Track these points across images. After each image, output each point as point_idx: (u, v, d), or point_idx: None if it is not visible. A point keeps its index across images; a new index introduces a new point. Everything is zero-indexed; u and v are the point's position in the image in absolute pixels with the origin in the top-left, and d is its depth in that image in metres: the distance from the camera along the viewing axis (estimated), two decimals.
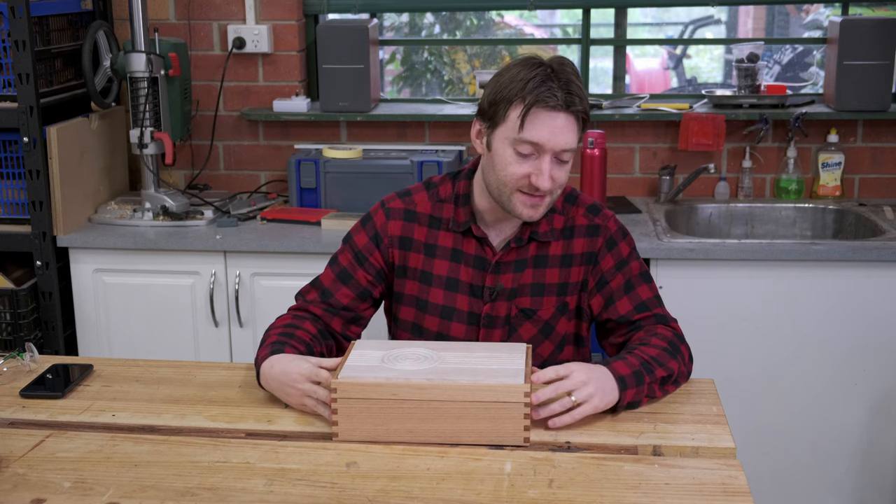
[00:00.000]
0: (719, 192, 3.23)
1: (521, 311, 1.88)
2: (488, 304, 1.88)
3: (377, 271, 1.91)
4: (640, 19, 7.29)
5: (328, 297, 1.90)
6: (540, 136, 1.70)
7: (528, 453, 1.53)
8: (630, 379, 1.64)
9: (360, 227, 1.94)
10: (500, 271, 1.87)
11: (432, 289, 1.90)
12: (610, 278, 1.86)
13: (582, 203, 1.90)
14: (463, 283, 1.89)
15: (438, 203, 1.91)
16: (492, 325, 1.89)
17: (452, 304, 1.89)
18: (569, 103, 1.69)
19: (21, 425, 1.66)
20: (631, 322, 1.84)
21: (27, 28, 2.73)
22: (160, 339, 2.92)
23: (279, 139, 3.38)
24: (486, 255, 1.88)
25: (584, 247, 1.87)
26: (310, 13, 3.37)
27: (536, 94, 1.68)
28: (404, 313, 1.94)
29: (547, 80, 1.69)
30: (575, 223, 1.88)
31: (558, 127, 1.70)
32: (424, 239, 1.90)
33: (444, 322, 1.90)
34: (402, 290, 1.93)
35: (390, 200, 1.94)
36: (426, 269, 1.90)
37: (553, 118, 1.69)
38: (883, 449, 2.80)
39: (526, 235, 1.86)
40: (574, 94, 1.69)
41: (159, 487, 1.44)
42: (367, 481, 1.45)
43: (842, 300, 2.70)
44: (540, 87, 1.68)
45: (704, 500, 1.39)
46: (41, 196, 2.83)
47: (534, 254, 1.88)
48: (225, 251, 2.85)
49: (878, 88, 3.08)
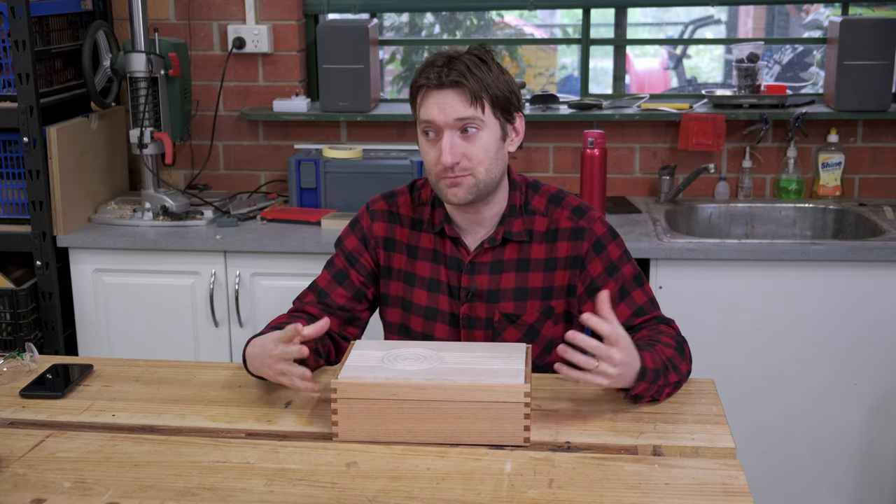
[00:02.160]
0: (719, 192, 3.23)
1: (505, 315, 1.87)
2: (466, 304, 1.88)
3: (368, 272, 1.93)
4: (640, 19, 7.29)
5: (324, 298, 1.91)
6: (430, 113, 1.75)
7: (528, 453, 1.52)
8: (651, 374, 1.64)
9: (350, 230, 1.96)
10: (476, 272, 1.87)
11: (416, 289, 1.91)
12: (601, 284, 1.83)
13: (567, 205, 1.88)
14: (443, 284, 1.89)
15: (420, 206, 1.92)
16: (472, 326, 1.89)
17: (435, 304, 1.90)
18: (450, 78, 1.73)
19: (21, 425, 1.66)
20: (630, 328, 1.82)
21: (27, 28, 2.73)
22: (160, 339, 2.92)
23: (279, 139, 3.38)
24: (461, 255, 1.88)
25: (569, 250, 1.86)
26: (310, 13, 3.37)
27: (420, 78, 1.77)
28: (391, 315, 1.95)
29: (432, 64, 1.76)
30: (559, 226, 1.86)
31: (445, 102, 1.74)
32: (407, 240, 1.92)
33: (428, 323, 1.90)
34: (388, 290, 1.94)
35: (374, 202, 1.96)
36: (409, 270, 1.91)
37: (438, 95, 1.75)
38: (883, 449, 2.80)
39: (500, 236, 1.86)
40: (455, 70, 1.73)
41: (159, 487, 1.44)
42: (367, 481, 1.45)
43: (842, 300, 2.70)
44: (423, 71, 1.77)
45: (704, 500, 1.39)
46: (41, 196, 2.83)
47: (514, 257, 1.87)
48: (225, 251, 2.85)
49: (878, 88, 3.08)
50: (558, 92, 3.51)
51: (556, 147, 3.30)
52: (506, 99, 1.78)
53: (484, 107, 1.75)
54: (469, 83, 1.73)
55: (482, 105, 1.74)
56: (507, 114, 1.79)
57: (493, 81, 1.75)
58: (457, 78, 1.72)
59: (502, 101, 1.77)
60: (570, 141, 3.28)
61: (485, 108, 1.75)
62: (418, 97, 1.78)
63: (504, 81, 1.77)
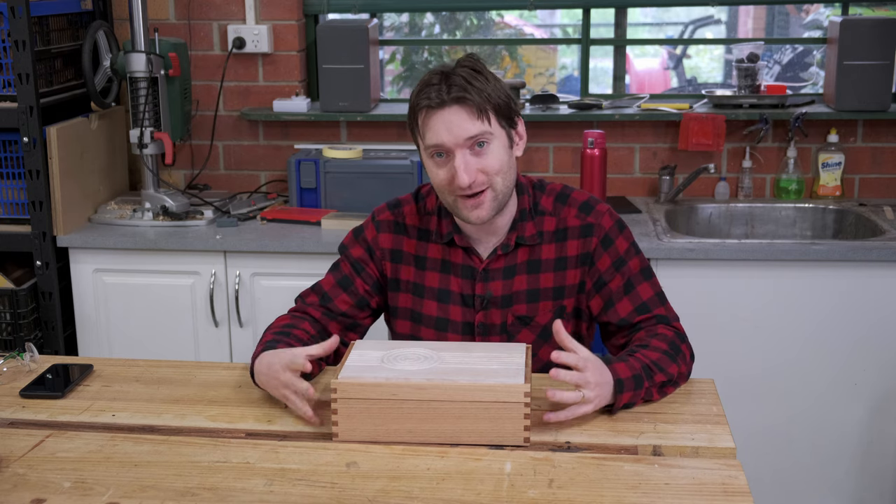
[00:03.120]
0: (719, 192, 3.23)
1: (518, 318, 1.86)
2: (481, 312, 1.87)
3: (374, 282, 1.92)
4: (640, 19, 7.28)
5: (327, 302, 1.90)
6: (439, 136, 1.71)
7: (528, 453, 1.52)
8: (629, 382, 1.63)
9: (354, 239, 1.94)
10: (489, 279, 1.86)
11: (425, 301, 1.89)
12: (608, 279, 1.83)
13: (574, 202, 1.87)
14: (454, 294, 1.88)
15: (426, 215, 1.91)
16: (487, 332, 1.88)
17: (446, 315, 1.89)
18: (452, 95, 1.69)
19: (21, 425, 1.66)
20: (632, 324, 1.83)
21: (27, 28, 2.73)
22: (160, 339, 2.92)
23: (279, 139, 3.38)
24: (474, 263, 1.87)
25: (579, 248, 1.85)
26: (310, 13, 3.37)
27: (420, 100, 1.72)
28: (400, 327, 1.94)
29: (429, 84, 1.72)
30: (567, 224, 1.85)
31: (451, 121, 1.70)
32: (414, 251, 1.90)
33: (439, 333, 1.89)
34: (396, 303, 1.93)
35: (380, 213, 1.94)
36: (418, 282, 1.90)
37: (441, 115, 1.70)
38: (883, 449, 2.80)
39: (513, 242, 1.85)
40: (455, 85, 1.70)
41: (159, 487, 1.44)
42: (367, 481, 1.45)
43: (842, 300, 2.70)
44: (421, 92, 1.72)
45: (704, 500, 1.39)
46: (41, 196, 2.83)
47: (525, 259, 1.86)
48: (225, 251, 2.85)
49: (878, 88, 3.08)
50: (558, 92, 3.52)
51: (556, 147, 3.30)
52: (507, 106, 1.75)
53: (490, 118, 1.72)
54: (472, 96, 1.69)
55: (488, 117, 1.72)
56: (510, 120, 1.78)
57: (492, 91, 1.72)
58: (458, 94, 1.69)
59: (504, 109, 1.75)
60: (570, 141, 3.28)
61: (491, 119, 1.72)
62: (419, 119, 1.74)
63: (501, 89, 1.75)
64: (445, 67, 1.74)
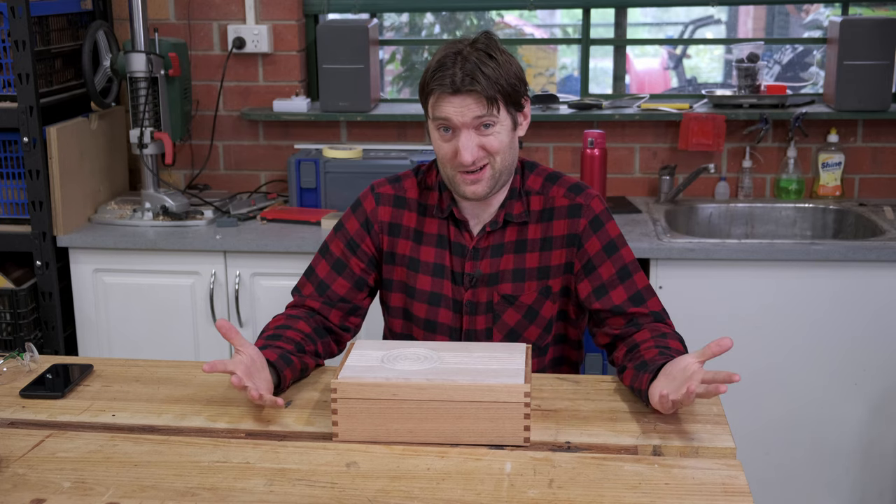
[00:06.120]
0: (719, 192, 3.23)
1: (503, 297, 1.88)
2: (469, 290, 1.89)
3: (369, 258, 1.93)
4: (640, 19, 7.29)
5: (325, 290, 1.90)
6: (446, 112, 1.75)
7: (528, 453, 1.52)
8: None
9: (351, 212, 1.96)
10: (479, 257, 1.88)
11: (420, 275, 1.91)
12: (598, 263, 1.84)
13: (564, 182, 1.89)
14: (447, 269, 1.90)
15: (426, 190, 1.93)
16: (474, 311, 1.90)
17: (440, 290, 1.90)
18: (464, 84, 1.72)
19: (21, 425, 1.66)
20: (625, 313, 1.83)
21: (27, 28, 2.73)
22: (160, 339, 2.92)
23: (279, 139, 3.38)
24: (465, 241, 1.89)
25: (566, 228, 1.86)
26: (310, 13, 3.37)
27: (433, 82, 1.75)
28: (394, 300, 1.95)
29: (444, 65, 1.74)
30: (555, 204, 1.87)
31: (462, 105, 1.74)
32: (414, 225, 1.92)
33: (431, 308, 1.91)
34: (391, 276, 1.94)
35: (380, 185, 1.96)
36: (413, 256, 1.91)
37: (452, 100, 1.74)
38: (883, 449, 2.80)
39: (501, 219, 1.87)
40: (468, 74, 1.72)
41: (159, 487, 1.44)
42: (367, 481, 1.45)
43: (842, 300, 2.70)
44: (437, 72, 1.74)
45: (704, 500, 1.39)
46: (41, 196, 2.83)
47: (512, 238, 1.88)
48: (225, 251, 2.85)
49: (878, 88, 3.08)
50: (558, 92, 3.52)
51: (556, 147, 3.30)
52: (515, 91, 1.78)
53: (499, 106, 1.76)
54: (484, 87, 1.72)
55: (497, 106, 1.75)
56: (518, 105, 1.80)
57: (503, 77, 1.74)
58: (471, 86, 1.72)
59: (514, 95, 1.78)
60: (570, 141, 3.28)
61: (499, 107, 1.76)
62: (431, 98, 1.77)
63: (512, 72, 1.77)
64: (462, 46, 1.76)
